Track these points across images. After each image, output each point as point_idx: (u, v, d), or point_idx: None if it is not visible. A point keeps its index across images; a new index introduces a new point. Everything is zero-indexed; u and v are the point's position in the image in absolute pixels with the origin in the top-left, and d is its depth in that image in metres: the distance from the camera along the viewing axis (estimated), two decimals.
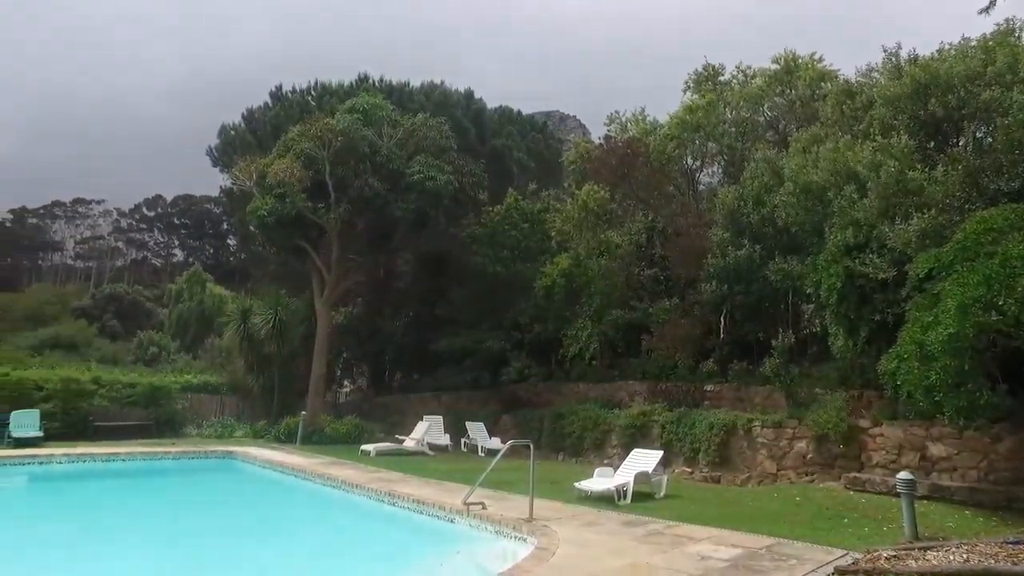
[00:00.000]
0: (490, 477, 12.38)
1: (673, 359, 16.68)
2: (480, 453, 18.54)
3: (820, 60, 19.02)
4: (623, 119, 22.71)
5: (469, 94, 26.86)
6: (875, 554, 6.70)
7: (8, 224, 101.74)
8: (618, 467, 12.09)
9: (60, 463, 14.86)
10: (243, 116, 27.30)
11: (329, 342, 23.98)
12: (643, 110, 22.37)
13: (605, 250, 19.50)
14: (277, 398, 23.60)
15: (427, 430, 19.45)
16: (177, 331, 38.66)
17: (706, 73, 21.77)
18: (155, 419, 20.98)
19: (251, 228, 24.09)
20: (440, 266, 26.84)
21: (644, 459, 11.64)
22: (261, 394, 23.97)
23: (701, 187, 22.12)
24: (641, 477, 11.04)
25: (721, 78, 21.58)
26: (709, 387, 16.09)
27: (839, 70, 18.27)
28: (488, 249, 22.73)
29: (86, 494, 13.40)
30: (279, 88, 27.65)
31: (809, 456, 12.47)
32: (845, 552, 7.02)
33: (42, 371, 20.72)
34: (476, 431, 19.75)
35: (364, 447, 18.22)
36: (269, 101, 27.42)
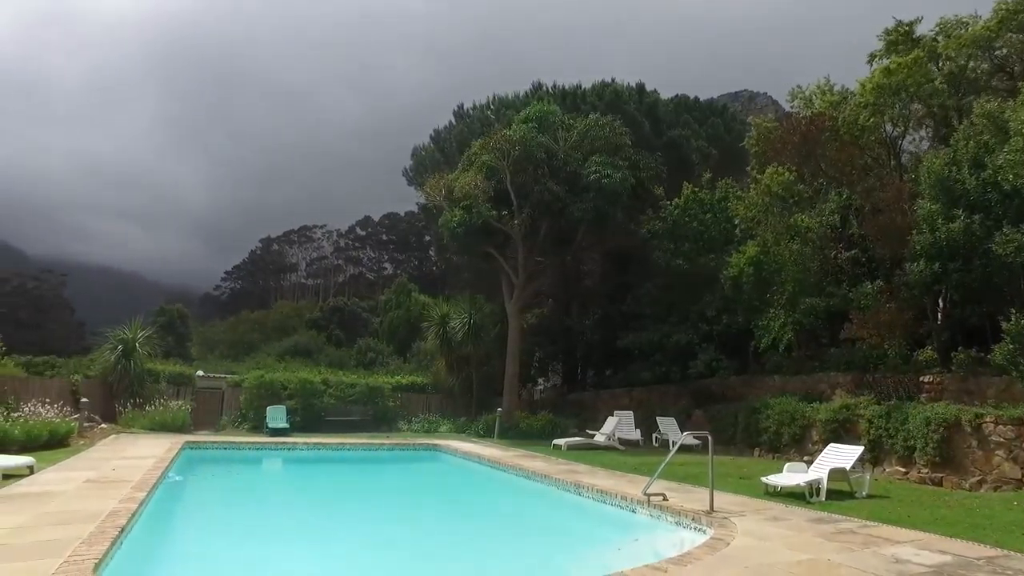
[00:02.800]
0: (677, 471, 12.36)
1: (881, 347, 15.14)
2: (672, 448, 18.36)
3: None
4: (806, 93, 21.04)
5: (641, 88, 26.59)
6: None
7: (258, 252, 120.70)
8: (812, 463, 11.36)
9: (302, 450, 17.57)
10: (431, 136, 29.80)
11: (521, 342, 25.24)
12: (828, 80, 20.52)
13: (795, 235, 18.24)
14: (476, 396, 25.39)
15: (616, 425, 19.72)
16: (390, 337, 43.15)
17: (900, 31, 19.36)
18: (372, 415, 23.78)
19: (444, 239, 26.21)
20: (624, 263, 26.95)
21: (841, 455, 10.81)
22: (461, 392, 25.92)
23: (904, 156, 19.71)
24: (837, 474, 10.29)
25: (921, 32, 19.06)
26: (926, 378, 14.35)
27: None
28: (669, 243, 22.41)
29: (324, 475, 15.81)
30: (461, 106, 29.73)
31: None
32: None
33: (286, 374, 24.47)
34: (667, 426, 19.58)
35: (556, 441, 19.00)
36: (453, 120, 29.60)
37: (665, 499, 9.57)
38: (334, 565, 7.82)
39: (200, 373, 24.07)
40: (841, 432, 14.25)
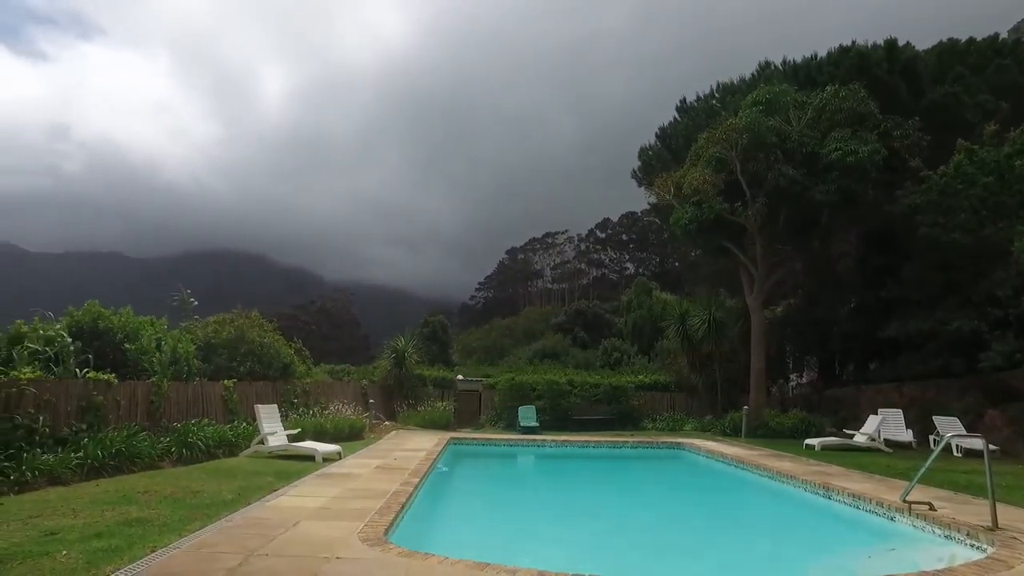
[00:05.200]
0: (957, 479, 10.96)
1: None
2: (956, 452, 16.00)
3: None
4: None
5: (891, 45, 23.29)
6: None
7: (505, 263, 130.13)
8: None
9: (550, 447, 18.87)
10: (656, 135, 29.62)
11: (765, 337, 23.92)
12: None
13: None
14: (720, 393, 24.66)
15: (880, 424, 17.71)
16: (634, 337, 43.61)
17: None
18: (616, 414, 24.43)
19: (676, 237, 25.90)
20: (883, 243, 24.00)
21: None
22: (705, 390, 25.36)
23: None
24: None
25: None
26: None
27: None
28: (937, 216, 19.43)
29: (570, 470, 16.82)
30: (683, 101, 29.09)
31: None
32: None
33: (534, 376, 26.34)
34: (947, 427, 17.05)
35: (808, 441, 17.75)
36: (676, 115, 29.10)
37: (932, 508, 8.56)
38: (575, 551, 8.50)
39: (460, 377, 27.06)
40: None
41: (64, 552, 5.86)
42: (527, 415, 22.97)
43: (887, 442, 17.38)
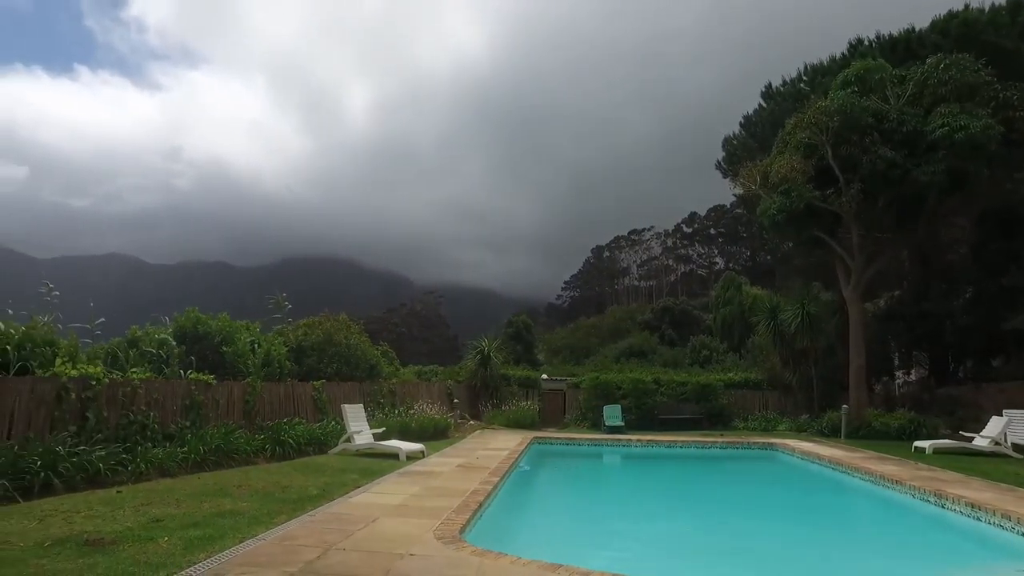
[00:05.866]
0: None
1: None
2: None
3: None
4: None
5: (1016, 5, 20.90)
6: None
7: (591, 261, 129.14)
8: None
9: (636, 446, 18.49)
10: (740, 123, 28.44)
11: (865, 332, 22.42)
12: None
13: None
14: (816, 392, 23.33)
15: (1006, 426, 16.13)
16: (724, 334, 42.10)
17: None
18: (705, 413, 23.62)
19: (764, 229, 24.75)
20: (1005, 226, 22.04)
21: None
22: (800, 388, 24.07)
23: None
24: None
25: None
26: None
27: None
28: None
29: (656, 470, 16.41)
30: (769, 86, 27.75)
31: None
32: None
33: (619, 375, 25.90)
34: None
35: (918, 443, 16.47)
36: (762, 102, 27.81)
37: None
38: (657, 555, 8.24)
39: (544, 376, 27.02)
40: None
41: (165, 538, 6.29)
42: (612, 414, 22.63)
43: (1015, 446, 15.82)
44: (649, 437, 19.53)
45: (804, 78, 26.30)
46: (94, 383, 10.08)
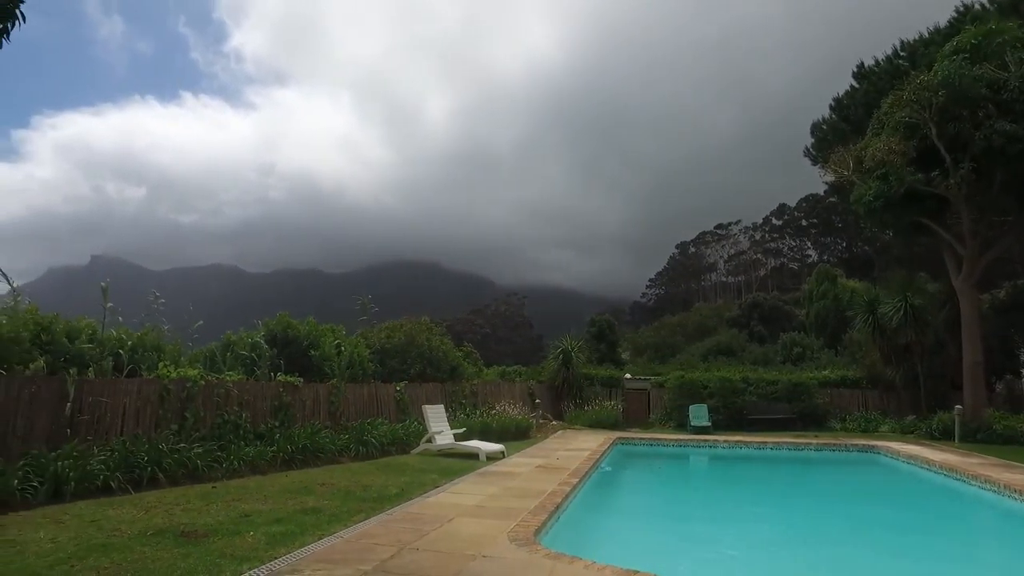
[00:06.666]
0: None
1: None
2: None
3: None
4: None
5: None
6: None
7: (676, 258, 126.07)
8: None
9: (723, 448, 17.75)
10: (830, 107, 26.77)
11: (981, 325, 20.60)
12: None
13: None
14: (924, 391, 21.64)
15: None
16: (818, 329, 39.93)
17: None
18: (797, 413, 22.39)
19: (860, 217, 23.21)
20: None
21: None
22: (905, 387, 22.40)
23: None
24: None
25: None
26: None
27: None
28: None
29: (744, 472, 15.65)
30: (861, 65, 25.93)
31: None
32: None
33: (705, 373, 25.01)
34: None
35: None
36: (854, 82, 26.05)
37: None
38: (744, 565, 7.81)
39: (627, 376, 26.50)
40: None
41: (251, 533, 6.57)
42: (698, 414, 21.90)
43: None
44: (737, 438, 18.73)
45: (902, 54, 24.46)
46: (191, 385, 10.71)
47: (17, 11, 4.40)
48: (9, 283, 11.07)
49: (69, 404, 9.08)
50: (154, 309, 13.02)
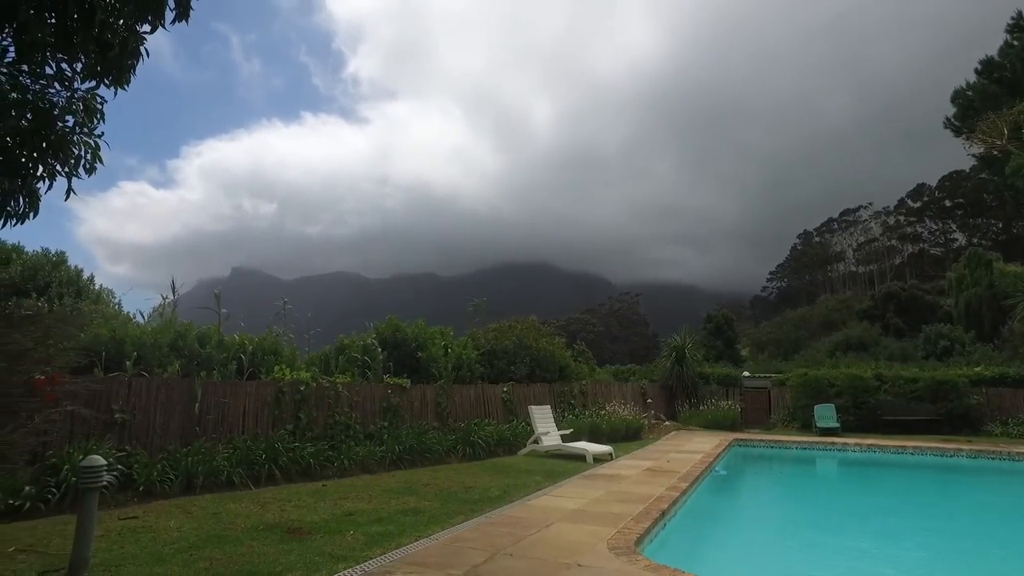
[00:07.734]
0: None
1: None
2: None
3: None
4: None
5: None
6: None
7: (798, 248, 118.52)
8: None
9: (854, 451, 16.25)
10: (977, 71, 23.78)
11: None
12: None
13: None
14: None
15: None
16: (968, 321, 35.88)
17: None
18: (944, 414, 20.08)
19: (1018, 191, 20.52)
20: None
21: None
22: None
23: None
24: None
25: None
26: None
27: None
28: None
29: (877, 480, 14.18)
30: (1018, 15, 22.78)
31: None
32: None
33: (831, 371, 23.07)
34: None
35: None
36: (1008, 38, 22.94)
37: None
38: None
39: (746, 374, 25.06)
40: None
41: (352, 532, 6.70)
42: (824, 414, 20.27)
43: None
44: (871, 441, 17.09)
45: None
46: (303, 387, 11.21)
47: (141, 48, 4.66)
48: (163, 297, 12.44)
49: (197, 404, 9.78)
50: (281, 316, 13.89)
